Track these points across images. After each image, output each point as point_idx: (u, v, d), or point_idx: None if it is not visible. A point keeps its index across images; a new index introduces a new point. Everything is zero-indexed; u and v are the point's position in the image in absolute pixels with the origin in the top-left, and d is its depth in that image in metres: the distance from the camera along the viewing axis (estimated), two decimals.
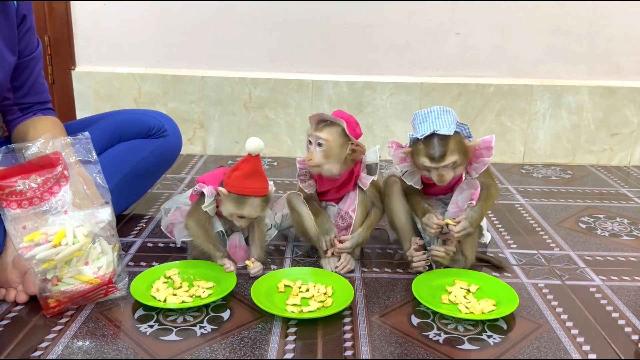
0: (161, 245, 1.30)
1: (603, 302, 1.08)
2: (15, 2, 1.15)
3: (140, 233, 1.36)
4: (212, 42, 2.00)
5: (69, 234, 0.96)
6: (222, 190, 1.09)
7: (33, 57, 1.23)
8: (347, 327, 0.97)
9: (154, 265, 1.16)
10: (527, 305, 1.05)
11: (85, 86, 2.03)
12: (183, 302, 1.01)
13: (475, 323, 0.99)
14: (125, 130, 1.39)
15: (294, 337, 0.94)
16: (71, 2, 1.96)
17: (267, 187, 1.10)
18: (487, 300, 1.03)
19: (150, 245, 1.30)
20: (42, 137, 1.04)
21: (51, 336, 0.93)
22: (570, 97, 2.00)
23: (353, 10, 1.95)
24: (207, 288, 1.06)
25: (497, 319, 0.99)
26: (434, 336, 0.95)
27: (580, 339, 0.95)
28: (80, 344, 0.91)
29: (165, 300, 1.01)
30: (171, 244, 1.29)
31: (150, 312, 1.00)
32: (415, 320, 1.00)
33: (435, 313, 1.01)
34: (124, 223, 1.42)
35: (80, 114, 2.04)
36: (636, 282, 1.16)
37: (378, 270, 1.19)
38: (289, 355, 0.89)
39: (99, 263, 0.99)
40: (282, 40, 1.99)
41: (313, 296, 1.05)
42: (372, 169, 1.20)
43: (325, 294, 1.06)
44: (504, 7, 1.94)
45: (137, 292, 1.03)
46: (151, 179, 1.49)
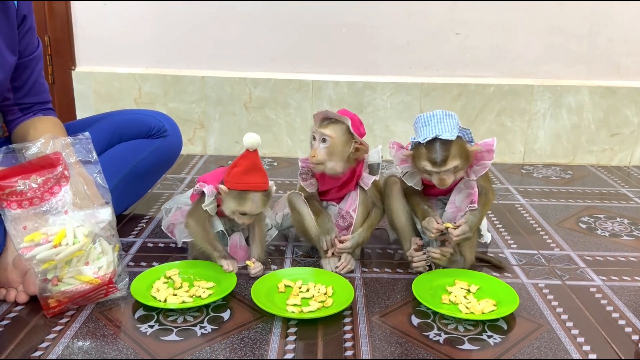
0: (161, 245, 1.30)
1: (603, 302, 1.08)
2: (15, 3, 1.15)
3: (140, 233, 1.36)
4: (213, 42, 2.00)
5: (70, 234, 0.96)
6: (222, 187, 1.09)
7: (33, 57, 1.23)
8: (348, 327, 0.97)
9: (154, 266, 1.17)
10: (527, 305, 1.05)
11: (85, 86, 2.03)
12: (183, 302, 1.01)
13: (476, 323, 0.99)
14: (125, 131, 1.39)
15: (294, 337, 0.94)
16: (71, 2, 1.96)
17: (267, 182, 1.10)
18: (487, 300, 1.03)
19: (150, 245, 1.30)
20: (43, 137, 1.04)
21: (51, 336, 0.93)
22: (571, 97, 2.00)
23: (353, 10, 1.95)
24: (208, 288, 1.06)
25: (498, 319, 0.99)
26: (434, 336, 0.95)
27: (581, 339, 0.95)
28: (80, 344, 0.91)
29: (165, 301, 1.01)
30: (171, 244, 1.29)
31: (151, 312, 1.00)
32: (415, 320, 1.00)
33: (435, 313, 1.01)
34: (125, 223, 1.42)
35: (81, 114, 2.04)
36: (636, 282, 1.16)
37: (378, 270, 1.19)
38: (289, 356, 0.89)
39: (100, 263, 0.99)
40: (283, 41, 1.99)
41: (313, 296, 1.05)
42: (374, 168, 1.20)
43: (325, 294, 1.05)
44: (504, 7, 1.94)
45: (138, 292, 1.03)
46: (151, 179, 1.49)
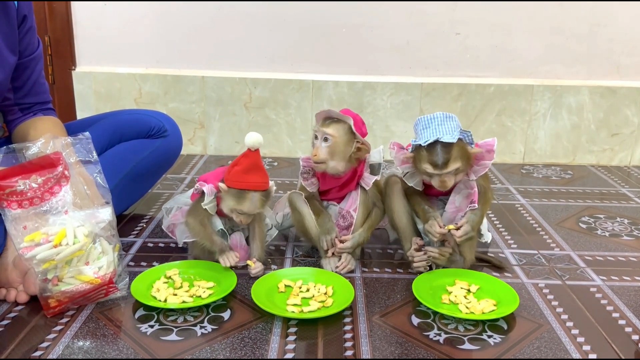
0: (162, 245, 1.30)
1: (603, 302, 1.08)
2: (15, 3, 1.15)
3: (140, 233, 1.36)
4: (213, 42, 2.00)
5: (70, 234, 0.96)
6: (221, 185, 1.09)
7: (33, 58, 1.23)
8: (348, 327, 0.97)
9: (154, 265, 1.17)
10: (527, 305, 1.05)
11: (85, 86, 2.03)
12: (183, 302, 1.01)
13: (476, 323, 0.99)
14: (125, 131, 1.39)
15: (295, 337, 0.94)
16: (71, 2, 1.97)
17: (267, 182, 1.10)
18: (487, 300, 1.03)
19: (150, 245, 1.30)
20: (43, 137, 1.03)
21: (52, 336, 0.93)
22: (571, 97, 2.00)
23: (353, 10, 1.95)
24: (208, 288, 1.06)
25: (498, 319, 0.99)
26: (435, 336, 0.95)
27: (581, 339, 0.95)
28: (80, 344, 0.91)
29: (165, 300, 1.01)
30: (171, 244, 1.29)
31: (151, 312, 1.00)
32: (415, 320, 1.00)
33: (435, 313, 1.01)
34: (125, 223, 1.42)
35: (81, 114, 2.04)
36: (636, 282, 1.16)
37: (378, 270, 1.19)
38: (290, 355, 0.89)
39: (100, 263, 0.99)
40: (283, 41, 1.99)
41: (313, 296, 1.05)
42: (375, 168, 1.20)
43: (325, 294, 1.05)
44: (504, 7, 1.94)
45: (138, 292, 1.03)
46: (152, 179, 1.49)
